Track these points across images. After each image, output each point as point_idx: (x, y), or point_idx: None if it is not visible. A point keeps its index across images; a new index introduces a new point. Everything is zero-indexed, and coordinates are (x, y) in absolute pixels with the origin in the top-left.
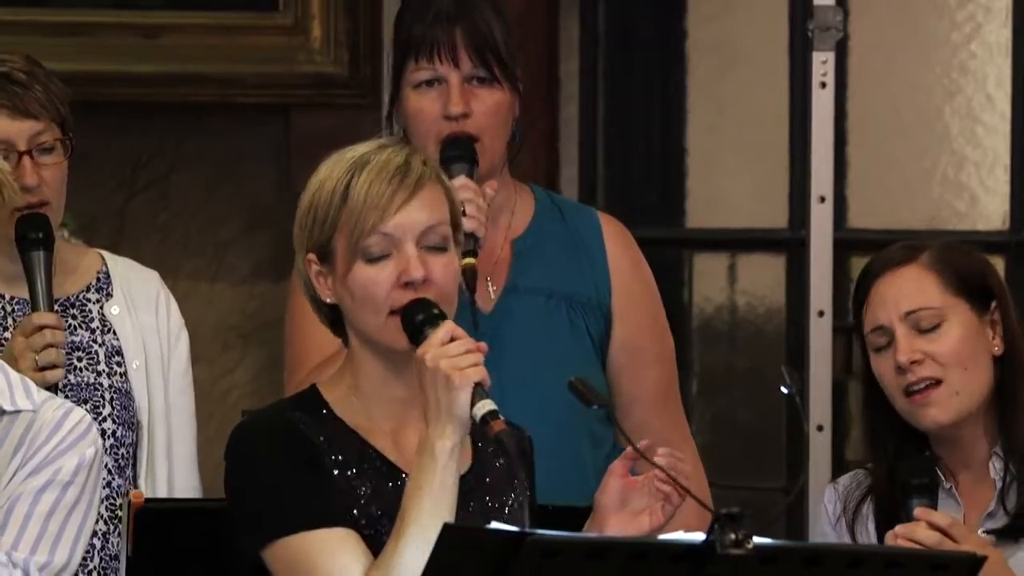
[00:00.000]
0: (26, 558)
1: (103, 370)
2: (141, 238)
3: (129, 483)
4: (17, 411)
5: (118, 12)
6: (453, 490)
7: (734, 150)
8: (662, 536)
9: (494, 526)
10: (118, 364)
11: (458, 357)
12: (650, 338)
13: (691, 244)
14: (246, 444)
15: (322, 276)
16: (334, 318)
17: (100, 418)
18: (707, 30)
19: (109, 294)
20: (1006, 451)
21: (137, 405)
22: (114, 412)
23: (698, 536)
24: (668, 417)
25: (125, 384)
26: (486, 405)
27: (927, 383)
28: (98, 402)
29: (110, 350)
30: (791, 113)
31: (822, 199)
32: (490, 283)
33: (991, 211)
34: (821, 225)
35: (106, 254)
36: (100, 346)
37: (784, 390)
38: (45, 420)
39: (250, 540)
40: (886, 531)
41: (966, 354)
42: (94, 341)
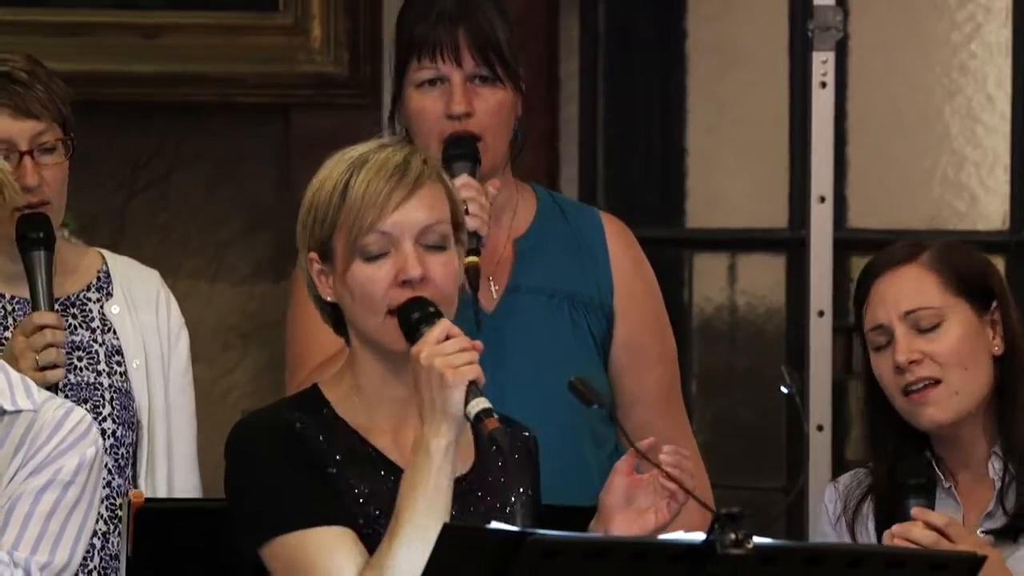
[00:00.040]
0: (27, 558)
1: (103, 370)
2: (141, 238)
3: (129, 483)
4: (18, 411)
5: (118, 12)
6: (448, 489)
7: (734, 150)
8: (662, 536)
9: (494, 526)
10: (118, 363)
11: (453, 355)
12: (652, 337)
13: (691, 244)
14: (245, 443)
15: (323, 275)
16: (336, 317)
17: (100, 418)
18: (707, 30)
19: (109, 293)
20: (1005, 451)
21: (137, 405)
22: (114, 412)
23: (698, 536)
24: (670, 416)
25: (125, 384)
26: (480, 403)
27: (926, 383)
28: (98, 402)
29: (110, 349)
30: (791, 113)
31: (822, 199)
32: (492, 283)
33: (991, 211)
34: (821, 225)
35: (106, 253)
36: (100, 345)
37: (784, 390)
38: (46, 420)
39: (249, 539)
40: (885, 531)
41: (965, 354)
42: (94, 340)
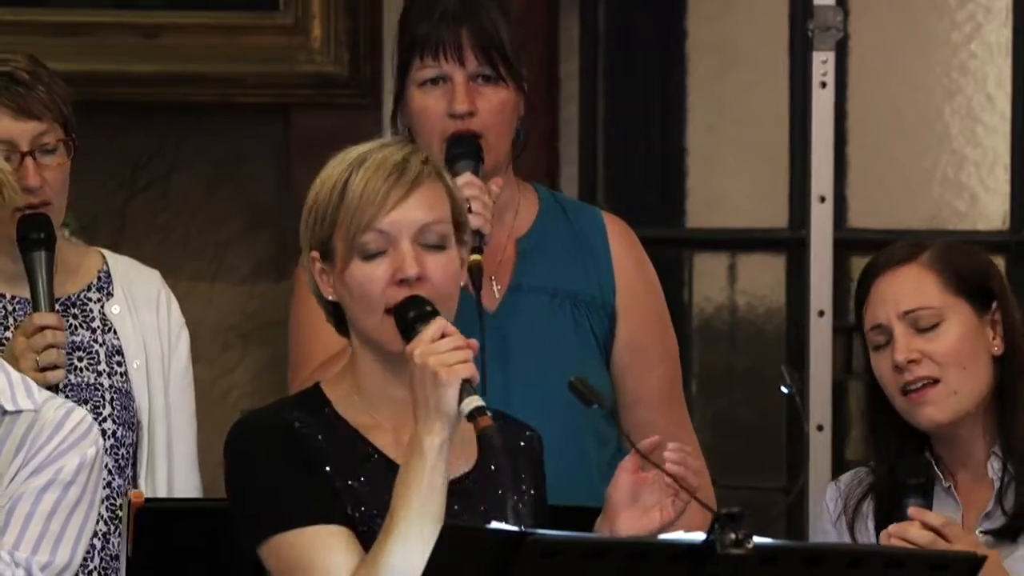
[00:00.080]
0: (28, 557)
1: (103, 370)
2: (141, 238)
3: (129, 483)
4: (18, 411)
5: (118, 12)
6: (442, 487)
7: (734, 150)
8: (662, 536)
9: (494, 526)
10: (118, 364)
11: (447, 353)
12: (654, 337)
13: (691, 244)
14: (244, 442)
15: (325, 274)
16: (339, 316)
17: (100, 418)
18: (707, 30)
19: (110, 293)
20: (1004, 451)
21: (137, 405)
22: (114, 412)
23: (698, 536)
24: (672, 415)
25: (125, 384)
26: (473, 401)
27: (924, 382)
28: (98, 402)
29: (111, 350)
30: (791, 113)
31: (822, 199)
32: (494, 282)
33: (991, 211)
34: (821, 225)
35: (107, 253)
36: (101, 346)
37: (784, 390)
38: (46, 420)
39: (247, 538)
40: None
41: (964, 354)
42: (95, 341)
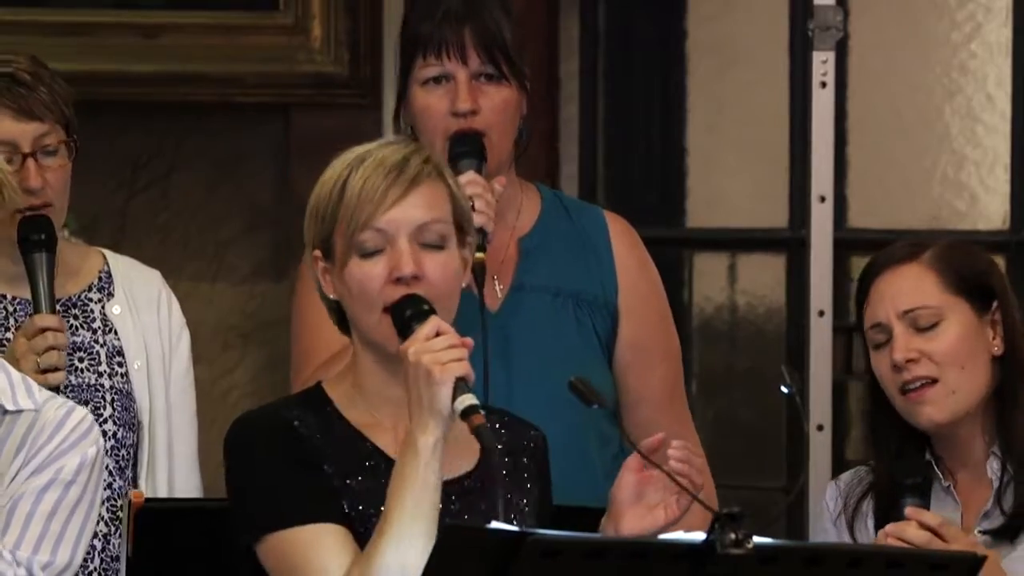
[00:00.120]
0: (29, 557)
1: (104, 371)
2: (142, 238)
3: (129, 484)
4: (19, 410)
5: (118, 12)
6: (436, 486)
7: (734, 150)
8: (662, 536)
9: (494, 526)
10: (119, 364)
11: (441, 352)
12: (656, 336)
13: (691, 244)
14: (243, 440)
15: (326, 272)
16: (341, 315)
17: (101, 419)
18: (707, 30)
19: (111, 294)
20: (1004, 451)
21: (138, 405)
22: (115, 413)
23: (698, 536)
24: (675, 414)
25: (126, 385)
26: (466, 400)
27: (923, 381)
28: (99, 403)
29: (111, 350)
30: (791, 113)
31: (822, 199)
32: (497, 281)
33: (991, 211)
34: (821, 225)
35: (108, 253)
36: (101, 346)
37: (784, 390)
38: (47, 419)
39: (245, 536)
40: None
41: (964, 353)
42: (95, 341)
